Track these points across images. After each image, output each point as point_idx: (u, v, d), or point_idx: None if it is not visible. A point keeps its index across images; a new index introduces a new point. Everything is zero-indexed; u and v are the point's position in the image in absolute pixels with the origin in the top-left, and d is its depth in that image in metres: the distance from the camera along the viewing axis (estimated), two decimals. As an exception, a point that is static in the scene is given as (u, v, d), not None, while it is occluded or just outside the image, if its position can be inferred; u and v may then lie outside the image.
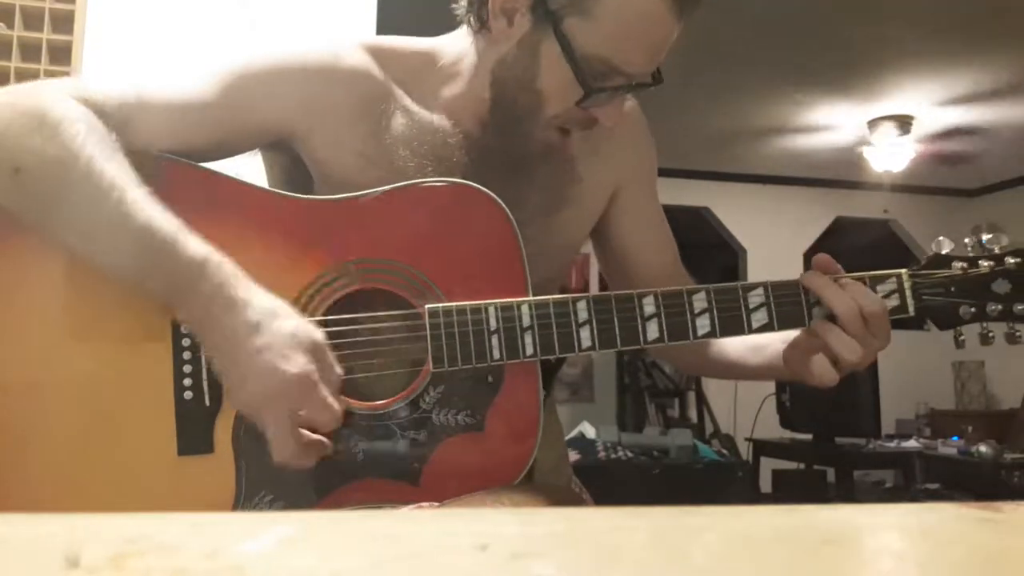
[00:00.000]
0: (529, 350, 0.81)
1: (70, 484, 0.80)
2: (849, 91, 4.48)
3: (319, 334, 0.77)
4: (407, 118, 0.89)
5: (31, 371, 0.80)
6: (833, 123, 4.97)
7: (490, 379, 0.83)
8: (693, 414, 5.30)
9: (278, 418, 0.75)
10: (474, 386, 0.82)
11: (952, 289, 0.87)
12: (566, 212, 0.94)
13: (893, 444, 4.32)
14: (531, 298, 0.83)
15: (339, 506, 0.81)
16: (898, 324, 0.87)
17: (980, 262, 0.88)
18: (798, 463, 4.39)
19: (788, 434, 4.25)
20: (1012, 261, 0.88)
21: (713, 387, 5.28)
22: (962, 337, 0.90)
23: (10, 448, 0.79)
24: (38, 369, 0.80)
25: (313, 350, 0.76)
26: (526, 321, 0.81)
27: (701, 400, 5.22)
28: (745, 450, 4.48)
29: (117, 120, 0.80)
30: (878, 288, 0.86)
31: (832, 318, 0.84)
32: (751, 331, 0.85)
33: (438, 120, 0.90)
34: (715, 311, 0.84)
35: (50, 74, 1.90)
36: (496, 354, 0.81)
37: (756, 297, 0.85)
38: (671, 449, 2.90)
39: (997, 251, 0.89)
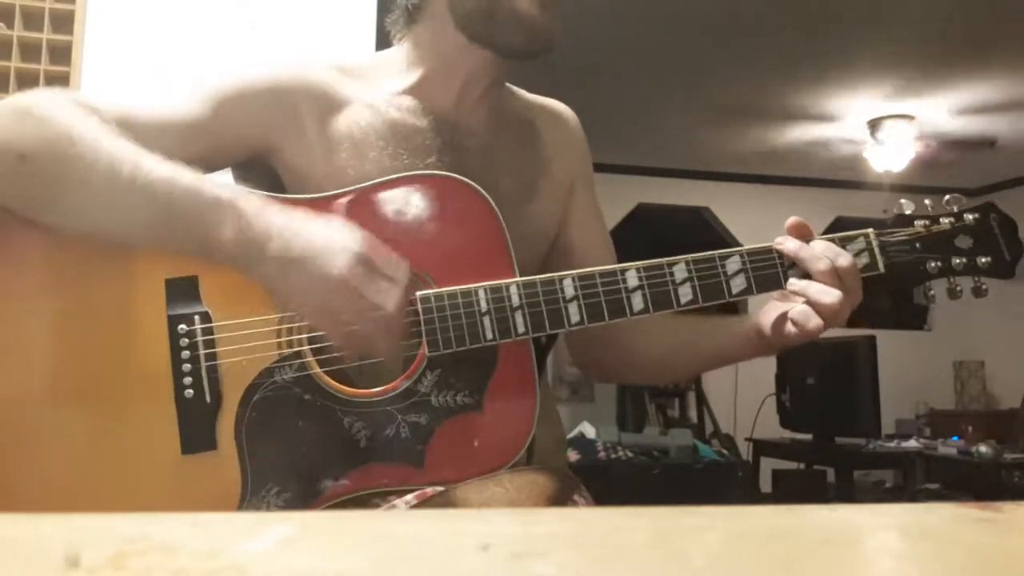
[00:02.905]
0: (520, 329, 0.84)
1: (75, 489, 0.80)
2: (849, 91, 4.48)
3: (355, 238, 0.79)
4: (375, 114, 0.93)
5: (32, 378, 0.81)
6: (833, 123, 4.97)
7: (485, 359, 0.85)
8: (693, 414, 5.30)
9: (373, 287, 0.77)
10: (470, 367, 0.85)
11: (917, 245, 0.91)
12: (537, 203, 0.99)
13: (893, 444, 4.32)
14: (519, 279, 0.85)
15: (346, 493, 0.82)
16: (899, 324, 0.89)
17: (941, 219, 0.92)
18: (798, 463, 4.39)
19: (788, 434, 4.25)
20: (971, 217, 0.92)
21: (713, 387, 5.28)
22: (931, 292, 0.94)
23: (14, 455, 0.80)
24: (38, 376, 0.81)
25: (353, 255, 0.78)
26: (515, 301, 0.84)
27: (701, 400, 5.22)
28: (745, 450, 4.47)
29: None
30: (848, 247, 0.89)
31: (807, 278, 0.87)
32: (732, 296, 0.88)
33: (407, 104, 0.94)
34: (696, 279, 0.87)
35: (50, 74, 1.90)
36: (489, 335, 0.83)
37: (733, 264, 0.88)
38: (671, 449, 2.90)
39: (957, 209, 0.93)
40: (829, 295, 0.85)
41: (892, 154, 4.98)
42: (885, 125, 4.86)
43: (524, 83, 1.07)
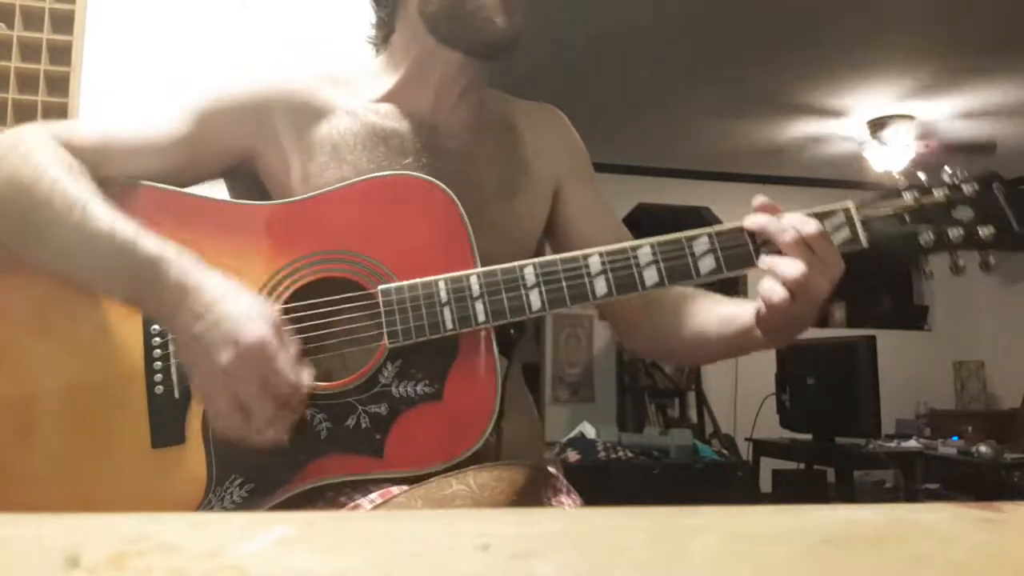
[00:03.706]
0: (481, 317, 0.84)
1: (50, 485, 0.83)
2: (849, 91, 4.48)
3: (274, 311, 0.81)
4: (355, 121, 0.95)
5: (7, 378, 0.84)
6: (833, 123, 4.97)
7: (446, 349, 0.86)
8: (693, 414, 5.30)
9: (246, 388, 0.77)
10: (431, 357, 0.85)
11: (906, 218, 0.86)
12: (520, 199, 1.00)
13: (893, 444, 4.31)
14: (479, 269, 0.86)
15: (307, 483, 0.84)
16: (899, 324, 0.86)
17: (934, 190, 0.86)
18: (798, 463, 4.39)
19: (788, 434, 4.25)
20: (970, 187, 0.86)
21: (713, 387, 5.28)
22: (929, 268, 0.88)
23: None
24: (14, 375, 0.84)
25: (270, 322, 0.79)
26: (476, 291, 0.84)
27: (701, 400, 5.22)
28: (745, 450, 4.47)
29: (91, 156, 0.87)
30: (826, 223, 0.85)
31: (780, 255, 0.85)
32: (700, 277, 0.86)
33: (385, 109, 0.97)
34: (661, 262, 0.85)
35: (50, 74, 1.90)
36: (449, 325, 0.84)
37: (701, 244, 0.86)
38: (671, 449, 2.90)
39: (956, 181, 0.87)
40: (793, 268, 0.82)
41: (892, 154, 4.99)
42: (885, 125, 4.87)
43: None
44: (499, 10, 0.90)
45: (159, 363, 0.85)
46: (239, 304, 0.79)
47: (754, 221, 0.86)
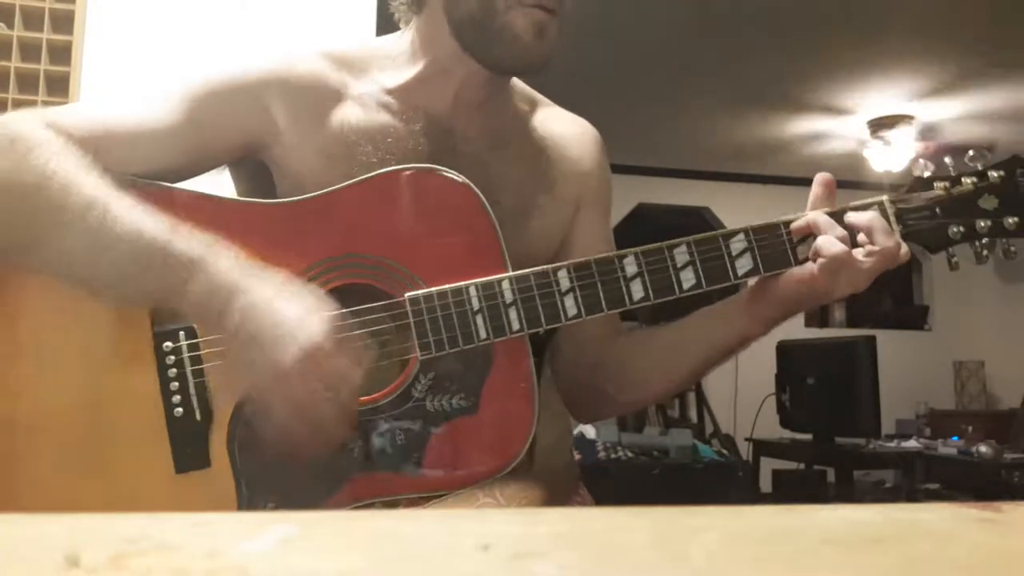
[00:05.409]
0: (515, 325, 0.81)
1: (71, 511, 0.79)
2: (850, 91, 4.48)
3: (328, 304, 0.76)
4: (366, 114, 0.89)
5: (23, 405, 0.80)
6: (834, 123, 4.97)
7: (480, 360, 0.82)
8: (693, 414, 5.29)
9: (311, 387, 0.72)
10: (465, 369, 0.82)
11: (937, 211, 0.86)
12: (536, 221, 0.94)
13: (893, 444, 4.31)
14: (511, 273, 0.81)
15: (342, 505, 0.80)
16: (899, 324, 0.86)
17: (963, 179, 0.87)
18: (798, 463, 4.39)
19: (788, 434, 4.25)
20: (995, 175, 0.86)
21: (713, 387, 5.28)
22: (955, 259, 0.88)
23: (9, 483, 0.79)
24: (30, 403, 0.80)
25: (329, 317, 0.75)
26: (508, 297, 0.81)
27: (701, 400, 5.21)
28: (745, 450, 4.47)
29: (86, 149, 0.80)
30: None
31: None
32: (738, 278, 0.84)
33: (399, 107, 0.90)
34: (698, 262, 0.83)
35: (50, 74, 1.90)
36: (483, 334, 0.80)
37: (738, 243, 0.84)
38: (671, 449, 2.90)
39: (980, 167, 0.87)
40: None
41: (892, 154, 4.98)
42: (886, 125, 4.86)
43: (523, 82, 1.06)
44: (529, 29, 0.83)
45: (175, 383, 0.80)
46: (295, 300, 0.74)
47: (821, 243, 0.83)
